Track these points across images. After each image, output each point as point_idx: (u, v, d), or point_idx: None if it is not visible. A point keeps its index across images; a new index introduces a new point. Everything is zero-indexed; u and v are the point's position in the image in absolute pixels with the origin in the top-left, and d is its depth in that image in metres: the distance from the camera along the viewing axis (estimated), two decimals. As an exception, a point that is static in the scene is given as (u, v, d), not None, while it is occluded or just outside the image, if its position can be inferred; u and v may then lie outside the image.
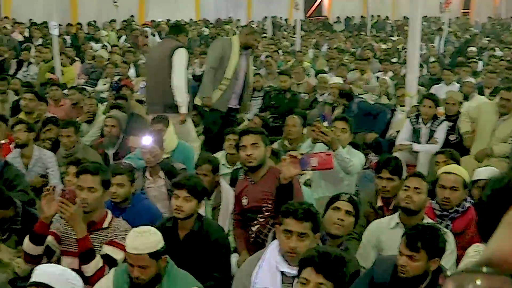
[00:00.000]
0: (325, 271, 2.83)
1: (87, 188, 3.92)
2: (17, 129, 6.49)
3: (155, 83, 7.16)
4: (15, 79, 10.91)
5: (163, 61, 7.05)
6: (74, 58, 13.60)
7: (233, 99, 7.79)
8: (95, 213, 3.98)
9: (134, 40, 17.27)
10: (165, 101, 7.03)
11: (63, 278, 3.07)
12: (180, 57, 7.02)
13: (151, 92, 7.31)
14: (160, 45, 7.55)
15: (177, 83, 6.99)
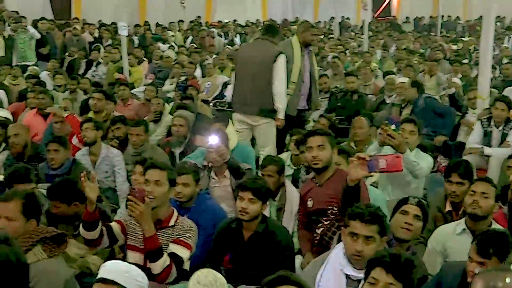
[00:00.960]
0: (395, 271, 2.81)
1: (154, 181, 3.98)
2: (85, 128, 6.67)
3: (252, 85, 7.11)
4: (84, 79, 11.20)
5: (264, 65, 7.02)
6: (141, 59, 13.83)
7: (301, 100, 7.74)
8: (161, 210, 4.03)
9: (201, 40, 17.45)
10: (261, 104, 7.06)
11: (129, 276, 3.10)
12: (282, 64, 7.05)
13: (245, 93, 7.22)
14: (259, 48, 7.27)
15: (280, 90, 7.03)
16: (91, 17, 18.54)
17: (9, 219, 3.48)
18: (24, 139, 6.57)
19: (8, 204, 3.51)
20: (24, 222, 3.51)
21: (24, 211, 3.51)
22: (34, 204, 3.63)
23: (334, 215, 4.40)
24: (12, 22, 14.00)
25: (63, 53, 14.60)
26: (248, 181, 4.29)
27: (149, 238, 3.86)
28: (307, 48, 7.76)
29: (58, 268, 3.48)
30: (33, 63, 13.12)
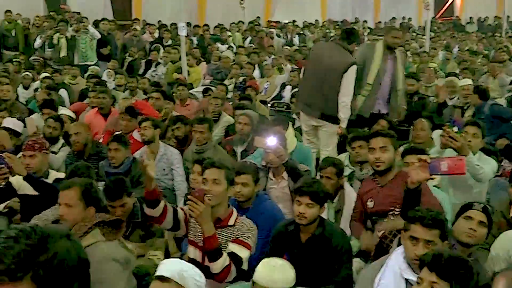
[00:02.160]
0: (439, 270, 2.80)
1: (212, 179, 4.01)
2: (144, 126, 6.76)
3: (317, 88, 7.11)
4: (144, 79, 11.40)
5: (333, 72, 6.97)
6: (200, 59, 13.95)
7: (377, 104, 7.59)
8: (221, 210, 4.06)
9: (260, 41, 17.49)
10: (324, 109, 7.06)
11: (186, 274, 3.13)
12: (352, 75, 6.96)
13: (310, 94, 7.23)
14: (332, 52, 7.17)
15: (345, 100, 6.99)
16: (151, 18, 18.80)
17: (68, 205, 3.73)
18: (85, 138, 6.71)
19: (68, 192, 3.77)
20: (83, 209, 3.74)
21: (83, 198, 3.76)
22: (92, 192, 3.85)
23: (395, 217, 4.35)
24: (74, 22, 14.33)
25: (123, 54, 14.85)
26: (306, 186, 4.28)
27: (208, 238, 3.89)
28: (392, 52, 7.62)
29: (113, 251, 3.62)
30: (93, 63, 13.41)
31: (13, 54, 14.25)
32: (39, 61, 13.21)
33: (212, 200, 3.95)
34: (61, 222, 3.82)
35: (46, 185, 5.22)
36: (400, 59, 7.73)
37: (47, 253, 1.44)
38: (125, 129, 7.34)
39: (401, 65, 7.76)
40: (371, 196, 4.55)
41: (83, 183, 3.89)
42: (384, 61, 7.48)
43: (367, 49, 7.64)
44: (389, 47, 7.53)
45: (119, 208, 4.74)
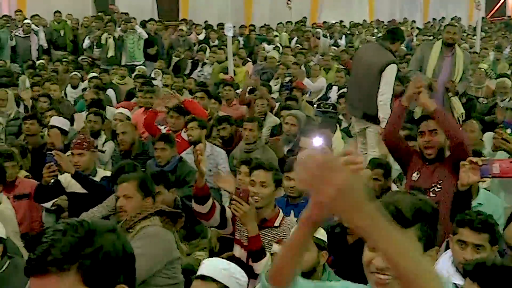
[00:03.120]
0: (481, 280, 2.73)
1: (260, 182, 4.03)
2: (190, 126, 6.81)
3: (359, 87, 7.08)
4: (190, 79, 11.49)
5: (372, 71, 6.90)
6: (246, 59, 13.98)
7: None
8: (267, 210, 4.07)
9: (306, 41, 17.44)
10: (365, 109, 7.00)
11: (228, 273, 3.14)
12: (391, 73, 6.82)
13: (354, 95, 7.24)
14: (373, 52, 7.16)
15: (383, 99, 6.86)
16: (198, 18, 18.92)
17: (127, 197, 3.99)
18: (132, 137, 6.79)
19: (126, 185, 4.04)
20: (141, 199, 4.00)
21: (140, 189, 4.01)
22: (148, 184, 4.12)
23: (435, 195, 4.34)
24: (122, 23, 14.53)
25: (170, 54, 14.98)
26: None
27: (252, 238, 3.91)
28: (451, 49, 7.52)
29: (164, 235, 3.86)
30: (141, 63, 13.57)
31: (62, 54, 14.53)
32: (87, 61, 13.44)
33: (259, 202, 3.97)
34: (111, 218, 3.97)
35: (93, 183, 5.31)
36: (460, 57, 7.62)
37: (93, 245, 1.50)
38: (173, 127, 7.40)
39: (461, 64, 7.64)
40: (418, 169, 4.51)
41: (140, 176, 4.19)
42: (441, 58, 7.39)
43: (426, 47, 7.60)
44: (447, 44, 7.44)
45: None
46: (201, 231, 5.09)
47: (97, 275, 1.49)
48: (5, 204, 4.87)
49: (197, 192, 4.08)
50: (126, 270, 1.56)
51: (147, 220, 3.86)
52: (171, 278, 3.88)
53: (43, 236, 1.48)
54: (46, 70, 12.31)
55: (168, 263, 3.86)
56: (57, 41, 15.13)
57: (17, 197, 5.70)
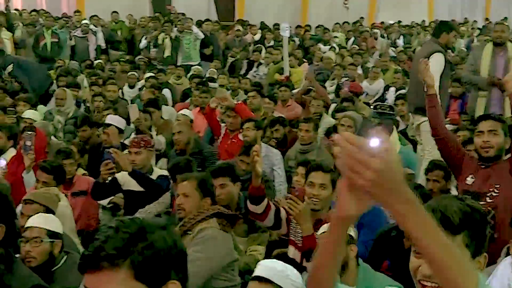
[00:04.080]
0: None
1: (319, 184, 4.02)
2: (246, 127, 6.83)
3: (411, 83, 7.30)
4: (245, 79, 11.53)
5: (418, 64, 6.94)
6: (302, 60, 13.95)
7: (493, 106, 7.31)
8: (323, 211, 4.05)
9: (363, 42, 17.31)
10: (415, 102, 7.00)
11: (283, 275, 3.14)
12: (435, 62, 6.73)
13: (409, 91, 7.46)
14: (423, 47, 7.44)
15: None
16: (254, 19, 18.97)
17: (186, 195, 4.02)
18: (187, 136, 6.85)
19: (186, 183, 4.07)
20: (200, 199, 4.03)
21: (199, 189, 4.04)
22: (208, 184, 4.15)
23: (492, 200, 4.21)
24: (178, 23, 14.68)
25: (226, 54, 15.07)
26: None
27: (306, 237, 3.91)
28: (502, 48, 7.38)
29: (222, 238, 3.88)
30: (196, 63, 13.69)
31: (119, 54, 14.78)
32: (144, 61, 13.63)
33: (317, 205, 3.97)
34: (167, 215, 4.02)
35: (150, 181, 5.38)
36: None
37: (144, 241, 1.54)
38: (230, 126, 7.44)
39: None
40: (472, 173, 4.39)
41: (200, 176, 4.22)
42: (494, 58, 7.24)
43: (477, 50, 7.49)
44: (497, 44, 7.30)
45: (219, 188, 4.81)
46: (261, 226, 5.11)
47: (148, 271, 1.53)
48: (63, 202, 4.98)
49: (253, 192, 4.10)
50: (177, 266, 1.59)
51: (204, 222, 3.89)
52: (229, 280, 3.90)
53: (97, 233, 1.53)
54: (104, 70, 12.55)
55: (226, 265, 3.88)
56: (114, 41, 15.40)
57: (75, 194, 5.84)
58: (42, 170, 5.28)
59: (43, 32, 13.37)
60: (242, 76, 12.42)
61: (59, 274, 3.83)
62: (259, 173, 4.03)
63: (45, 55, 13.23)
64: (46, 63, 12.79)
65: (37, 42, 13.26)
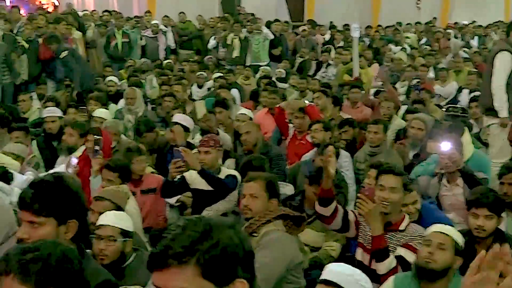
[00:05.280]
0: None
1: (390, 188, 3.98)
2: (315, 128, 6.81)
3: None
4: (314, 80, 11.49)
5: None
6: (372, 61, 13.82)
7: None
8: (393, 214, 4.01)
9: (436, 42, 17.01)
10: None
11: (352, 279, 3.12)
12: (500, 60, 6.75)
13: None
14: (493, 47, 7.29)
15: (493, 87, 6.84)
16: (324, 19, 18.89)
17: (253, 196, 4.01)
18: (255, 137, 6.87)
19: (253, 184, 4.06)
20: (266, 200, 4.01)
21: (267, 190, 4.02)
22: (275, 186, 4.13)
23: None
24: (248, 24, 14.76)
25: (295, 54, 15.06)
26: (483, 196, 4.12)
27: (376, 237, 3.89)
28: None
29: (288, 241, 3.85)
30: (265, 63, 13.73)
31: (188, 54, 14.97)
32: (212, 61, 13.77)
33: (387, 208, 3.93)
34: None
35: (219, 180, 5.43)
36: None
37: (211, 240, 1.56)
38: (299, 127, 7.43)
39: None
40: None
41: (267, 177, 4.21)
42: None
43: None
44: None
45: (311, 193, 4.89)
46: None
47: (215, 269, 1.55)
48: (131, 200, 5.07)
49: (322, 194, 4.09)
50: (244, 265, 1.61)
51: (270, 224, 3.89)
52: (293, 283, 3.90)
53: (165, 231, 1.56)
54: (173, 69, 12.74)
55: (291, 268, 3.88)
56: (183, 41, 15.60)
57: (144, 191, 5.94)
58: (107, 169, 5.40)
59: (114, 32, 13.68)
60: (311, 76, 12.40)
61: (129, 271, 3.92)
62: (331, 174, 4.01)
63: (116, 55, 13.54)
64: (116, 63, 13.11)
65: (108, 42, 13.59)
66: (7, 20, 12.06)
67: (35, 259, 1.89)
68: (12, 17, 12.53)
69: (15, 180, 5.20)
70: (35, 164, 6.82)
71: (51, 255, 1.91)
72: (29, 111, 9.03)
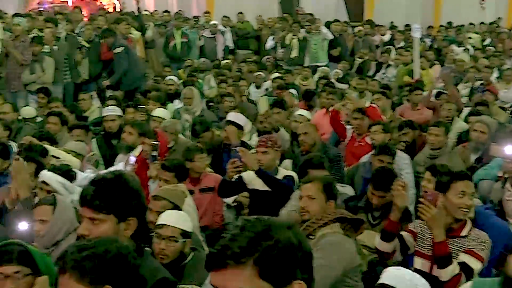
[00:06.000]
0: None
1: (470, 193, 3.92)
2: (374, 130, 6.77)
3: None
4: (373, 81, 11.39)
5: None
6: (433, 62, 13.62)
7: None
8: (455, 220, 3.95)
9: (500, 43, 16.65)
10: None
11: (411, 284, 3.08)
12: None
13: None
14: None
15: None
16: (384, 19, 18.70)
17: (310, 198, 4.04)
18: (313, 138, 6.84)
19: (310, 185, 4.10)
20: (324, 202, 4.04)
21: (324, 192, 4.05)
22: (332, 187, 4.15)
23: None
24: (306, 24, 14.73)
25: (353, 55, 14.96)
26: None
27: (438, 243, 3.84)
28: None
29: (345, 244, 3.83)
30: (324, 64, 13.68)
31: (246, 54, 15.04)
32: (270, 61, 13.79)
33: (467, 214, 3.88)
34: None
35: (276, 181, 5.43)
36: None
37: (270, 240, 1.57)
38: (357, 129, 7.38)
39: None
40: None
41: (325, 178, 4.23)
42: None
43: None
44: None
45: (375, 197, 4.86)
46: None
47: (273, 269, 1.56)
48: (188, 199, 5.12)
49: (388, 226, 4.04)
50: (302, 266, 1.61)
51: (327, 227, 3.88)
52: (351, 286, 3.87)
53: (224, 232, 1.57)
54: (231, 70, 12.81)
55: (349, 271, 3.85)
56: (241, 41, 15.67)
57: (202, 190, 6.02)
58: (163, 169, 5.49)
59: (174, 32, 13.84)
60: (370, 77, 12.30)
61: (187, 270, 3.98)
62: (400, 207, 3.96)
63: (175, 55, 13.70)
64: (175, 63, 13.26)
65: (167, 42, 13.75)
66: (69, 20, 12.34)
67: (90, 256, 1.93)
68: (73, 17, 12.81)
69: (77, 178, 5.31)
70: (95, 162, 6.96)
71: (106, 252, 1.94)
72: (89, 110, 9.24)
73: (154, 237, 3.99)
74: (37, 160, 5.19)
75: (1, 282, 2.83)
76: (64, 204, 4.03)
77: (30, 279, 2.78)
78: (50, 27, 10.93)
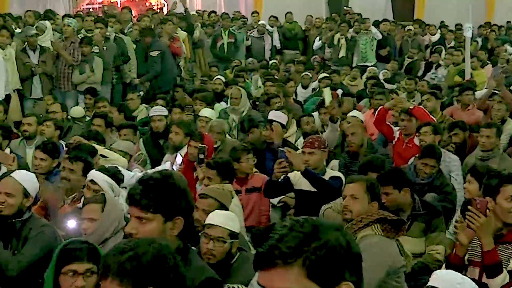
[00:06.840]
0: None
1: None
2: (424, 131, 6.72)
3: None
4: (423, 81, 11.27)
5: None
6: (485, 62, 13.39)
7: None
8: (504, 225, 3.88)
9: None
10: None
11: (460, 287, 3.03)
12: None
13: None
14: None
15: None
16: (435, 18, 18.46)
17: (354, 197, 4.06)
18: (361, 138, 6.81)
19: (354, 185, 4.14)
20: (367, 202, 4.05)
21: (368, 192, 4.06)
22: (376, 189, 4.16)
23: None
24: (355, 23, 14.64)
25: (401, 55, 14.82)
26: None
27: (487, 252, 3.72)
28: None
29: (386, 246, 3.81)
30: (372, 64, 13.57)
31: (293, 54, 15.02)
32: (318, 61, 13.74)
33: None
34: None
35: (323, 182, 5.42)
36: None
37: (318, 241, 1.57)
38: (405, 130, 7.31)
39: None
40: None
41: (369, 179, 4.24)
42: None
43: None
44: None
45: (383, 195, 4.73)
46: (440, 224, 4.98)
47: (321, 270, 1.56)
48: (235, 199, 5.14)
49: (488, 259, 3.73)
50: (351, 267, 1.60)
51: (368, 228, 3.86)
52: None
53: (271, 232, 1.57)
54: (279, 70, 12.81)
55: (392, 272, 3.82)
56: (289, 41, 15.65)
57: (249, 190, 6.05)
58: (207, 167, 5.52)
59: (221, 32, 13.91)
60: (419, 78, 12.16)
61: (234, 270, 4.00)
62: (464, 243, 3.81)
63: (222, 55, 13.77)
64: (222, 63, 13.32)
65: (214, 42, 13.83)
66: (118, 20, 12.51)
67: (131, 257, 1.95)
68: (122, 17, 12.97)
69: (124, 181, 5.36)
70: (142, 161, 7.04)
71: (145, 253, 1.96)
72: (137, 109, 9.34)
73: (201, 237, 4.02)
74: (85, 159, 5.26)
75: (72, 279, 2.90)
76: (113, 202, 4.09)
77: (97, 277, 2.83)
78: (100, 28, 11.08)
